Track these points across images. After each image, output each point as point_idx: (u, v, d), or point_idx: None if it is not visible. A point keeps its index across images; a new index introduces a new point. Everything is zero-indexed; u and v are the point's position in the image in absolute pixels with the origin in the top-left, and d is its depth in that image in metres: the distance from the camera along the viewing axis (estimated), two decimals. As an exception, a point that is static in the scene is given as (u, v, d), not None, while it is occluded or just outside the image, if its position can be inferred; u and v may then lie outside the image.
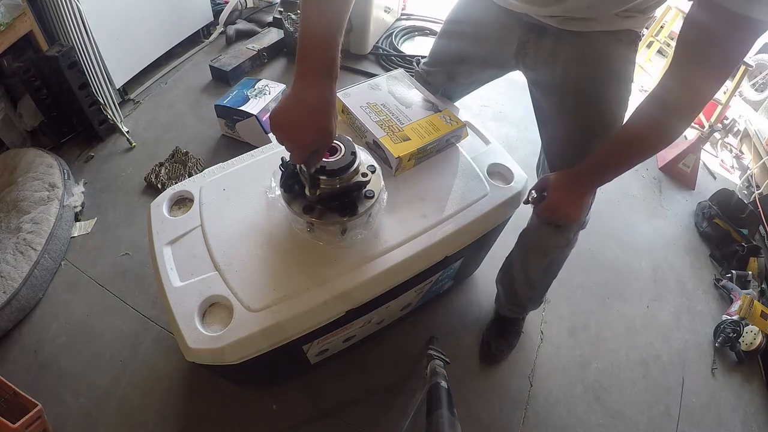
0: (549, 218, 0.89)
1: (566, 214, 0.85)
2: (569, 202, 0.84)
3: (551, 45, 0.84)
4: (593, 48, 0.81)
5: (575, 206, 0.85)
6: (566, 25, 0.79)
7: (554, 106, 0.89)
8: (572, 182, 0.83)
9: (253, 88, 1.76)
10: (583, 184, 0.82)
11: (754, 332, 1.41)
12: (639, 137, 0.72)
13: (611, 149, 0.76)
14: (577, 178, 0.82)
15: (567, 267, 1.09)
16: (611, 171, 0.78)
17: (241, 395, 1.15)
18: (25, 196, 1.40)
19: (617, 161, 0.77)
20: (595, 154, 0.78)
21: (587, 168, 0.79)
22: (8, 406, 1.01)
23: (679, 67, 0.64)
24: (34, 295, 1.28)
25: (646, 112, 0.69)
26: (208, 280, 0.78)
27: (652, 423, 1.25)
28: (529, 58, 0.90)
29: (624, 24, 0.78)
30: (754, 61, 2.20)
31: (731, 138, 2.50)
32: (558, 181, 0.85)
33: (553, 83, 0.88)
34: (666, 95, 0.66)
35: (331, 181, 0.73)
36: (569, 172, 0.83)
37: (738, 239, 1.75)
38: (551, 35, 0.84)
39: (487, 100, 2.21)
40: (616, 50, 0.81)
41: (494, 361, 1.29)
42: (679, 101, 0.65)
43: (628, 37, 0.81)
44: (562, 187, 0.84)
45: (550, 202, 0.85)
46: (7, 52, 1.48)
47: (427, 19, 2.66)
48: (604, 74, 0.82)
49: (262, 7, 2.58)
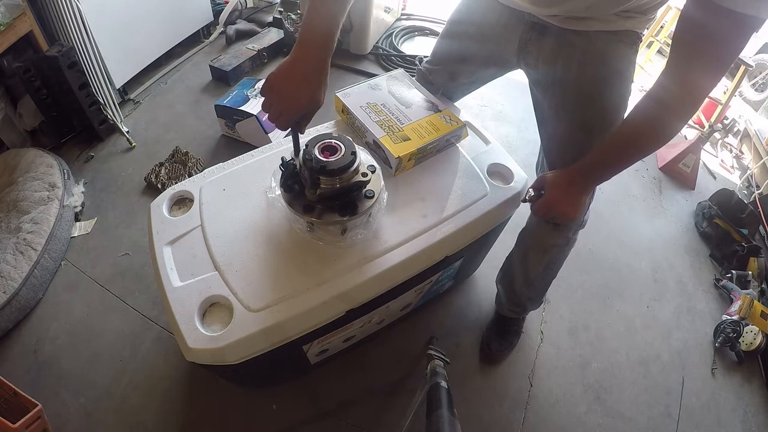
0: (546, 216, 0.89)
1: (563, 212, 0.85)
2: (566, 200, 0.84)
3: (553, 44, 0.85)
4: (594, 48, 0.81)
5: (572, 204, 0.85)
6: (568, 24, 0.80)
7: (554, 105, 0.90)
8: (569, 181, 0.83)
9: (253, 88, 1.76)
10: (581, 183, 0.83)
11: (754, 332, 1.41)
12: (636, 136, 0.72)
13: (608, 148, 0.77)
14: (575, 177, 0.82)
15: (567, 267, 1.09)
16: (609, 170, 0.78)
17: (241, 395, 1.15)
18: (25, 196, 1.40)
19: (614, 160, 0.77)
20: (592, 152, 0.79)
21: (585, 166, 0.80)
22: (8, 406, 1.01)
23: (675, 64, 0.64)
24: (34, 295, 1.28)
25: (643, 110, 0.70)
26: (208, 280, 0.78)
27: (652, 423, 1.25)
28: (531, 57, 0.90)
29: (625, 24, 0.78)
30: (754, 61, 2.19)
31: (731, 138, 2.50)
32: (555, 179, 0.85)
33: (554, 82, 0.88)
34: (663, 93, 0.66)
35: (331, 180, 0.73)
36: (567, 171, 0.83)
37: (738, 239, 1.75)
38: (553, 34, 0.84)
39: (487, 100, 2.21)
40: (617, 50, 0.81)
41: (494, 361, 1.29)
42: (676, 99, 0.65)
43: (629, 38, 0.81)
44: (559, 186, 0.84)
45: (547, 200, 0.85)
46: (7, 52, 1.48)
47: (427, 19, 2.66)
48: (605, 74, 0.83)
49: (262, 7, 2.58)
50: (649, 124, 0.70)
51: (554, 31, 0.83)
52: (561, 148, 0.91)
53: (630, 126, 0.73)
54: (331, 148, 0.74)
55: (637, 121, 0.71)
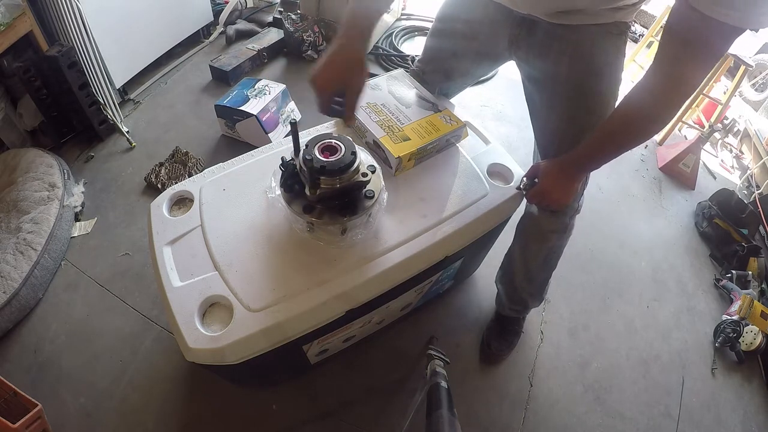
0: (540, 203, 0.92)
1: (556, 199, 0.88)
2: (559, 187, 0.87)
3: (542, 39, 0.87)
4: (584, 41, 0.83)
5: (565, 191, 0.87)
6: (556, 18, 0.81)
7: (546, 98, 0.92)
8: (561, 169, 0.86)
9: (253, 88, 1.76)
10: (572, 171, 0.85)
11: (754, 332, 1.41)
12: (626, 126, 0.75)
13: (599, 138, 0.79)
14: (567, 165, 0.85)
15: (567, 267, 1.09)
16: (599, 158, 0.81)
17: (241, 395, 1.15)
18: (25, 196, 1.40)
19: (605, 149, 0.79)
20: (584, 143, 0.81)
21: (576, 155, 0.82)
22: (8, 406, 1.01)
23: (664, 57, 0.66)
24: (34, 295, 1.28)
25: (633, 101, 0.72)
26: (208, 280, 0.78)
27: (652, 423, 1.25)
28: (522, 51, 0.92)
29: (614, 16, 0.80)
30: (754, 61, 2.19)
31: (731, 138, 2.50)
32: (548, 167, 0.88)
33: (545, 76, 0.90)
34: (652, 85, 0.69)
35: (331, 180, 0.73)
36: (559, 160, 0.86)
37: (738, 239, 1.75)
38: (542, 29, 0.86)
39: (487, 100, 2.21)
40: (606, 42, 0.83)
41: (494, 361, 1.29)
42: (665, 90, 0.68)
43: (618, 29, 0.83)
44: (553, 174, 0.87)
45: (540, 187, 0.88)
46: (7, 52, 1.48)
47: (427, 19, 2.66)
48: (596, 68, 0.85)
49: (262, 7, 2.58)
50: (638, 115, 0.72)
51: (543, 25, 0.85)
52: (553, 139, 0.93)
53: (620, 116, 0.75)
54: (331, 148, 0.74)
55: (627, 111, 0.74)
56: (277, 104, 1.76)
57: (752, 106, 2.71)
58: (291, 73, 2.20)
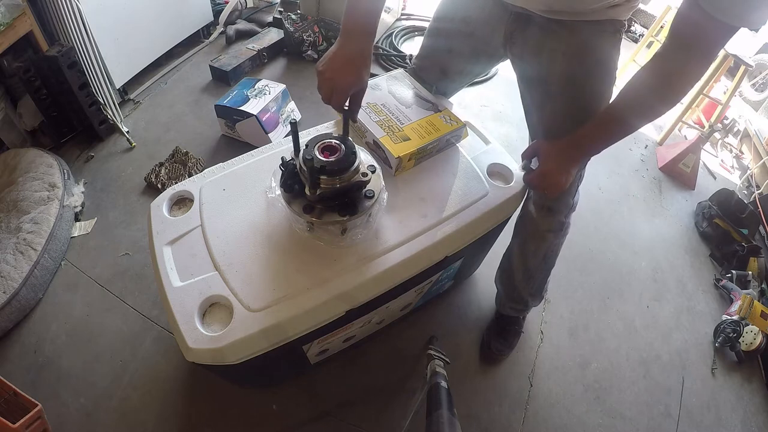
0: (538, 186, 0.91)
1: (555, 182, 0.88)
2: (559, 170, 0.87)
3: (537, 35, 0.87)
4: (579, 39, 0.83)
5: (564, 174, 0.88)
6: (551, 14, 0.82)
7: (541, 95, 0.93)
8: (562, 150, 0.86)
9: (253, 88, 1.76)
10: (573, 152, 0.86)
11: (754, 332, 1.41)
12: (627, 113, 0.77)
13: (601, 123, 0.80)
14: (568, 147, 0.85)
15: (567, 267, 1.09)
16: (602, 139, 0.82)
17: (241, 395, 1.15)
18: (25, 196, 1.40)
19: (609, 129, 0.81)
20: (585, 127, 0.82)
21: (579, 136, 0.83)
22: (8, 406, 1.01)
23: (669, 50, 0.69)
24: (34, 295, 1.28)
25: (635, 90, 0.74)
26: (208, 280, 0.78)
27: (652, 423, 1.25)
28: (517, 47, 0.93)
29: (609, 14, 0.81)
30: (754, 61, 2.19)
31: (731, 138, 2.50)
32: (549, 148, 0.88)
33: (540, 73, 0.90)
34: (654, 76, 0.71)
35: (331, 180, 0.73)
36: (560, 141, 0.86)
37: (738, 239, 1.76)
38: (537, 25, 0.86)
39: (487, 100, 2.20)
40: (601, 40, 0.84)
41: (494, 361, 1.29)
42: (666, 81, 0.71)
43: (613, 26, 0.83)
44: (552, 155, 0.87)
45: (541, 170, 0.88)
46: (7, 52, 1.47)
47: (427, 19, 2.65)
48: (590, 66, 0.85)
49: (262, 7, 2.58)
50: (639, 103, 0.75)
51: (538, 21, 0.85)
52: (548, 136, 0.93)
53: (621, 103, 0.77)
54: (331, 148, 0.74)
55: (628, 98, 0.75)
56: (277, 104, 1.76)
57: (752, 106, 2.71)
58: (291, 73, 2.20)
